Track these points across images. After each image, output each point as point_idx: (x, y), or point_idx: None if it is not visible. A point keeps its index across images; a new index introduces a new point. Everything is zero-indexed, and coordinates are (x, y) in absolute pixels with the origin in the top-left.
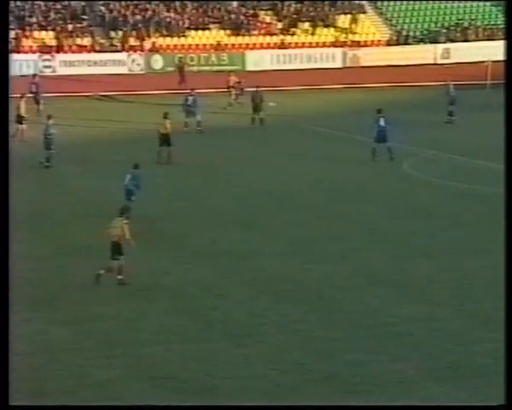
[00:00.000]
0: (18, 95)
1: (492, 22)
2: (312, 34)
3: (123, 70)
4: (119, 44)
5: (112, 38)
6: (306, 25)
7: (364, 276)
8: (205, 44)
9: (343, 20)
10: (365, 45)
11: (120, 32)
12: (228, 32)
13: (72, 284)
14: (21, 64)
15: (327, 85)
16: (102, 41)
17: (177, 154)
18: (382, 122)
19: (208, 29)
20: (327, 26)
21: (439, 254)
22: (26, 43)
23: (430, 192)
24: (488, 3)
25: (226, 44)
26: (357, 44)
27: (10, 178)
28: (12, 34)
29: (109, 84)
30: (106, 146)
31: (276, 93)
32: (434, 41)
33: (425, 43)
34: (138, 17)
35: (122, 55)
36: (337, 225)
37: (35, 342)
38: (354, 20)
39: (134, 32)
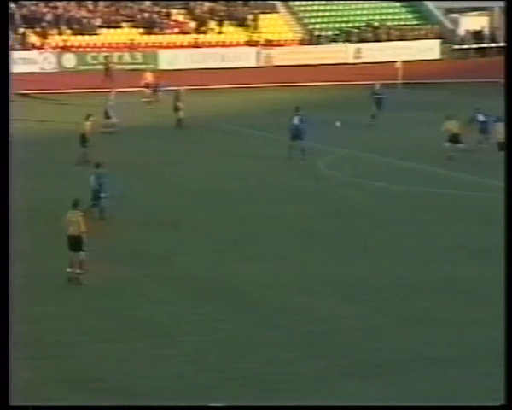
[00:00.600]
0: None
1: (402, 22)
2: (225, 33)
3: (34, 68)
4: (29, 42)
5: (22, 36)
6: (219, 24)
7: (289, 275)
8: (117, 43)
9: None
10: (278, 45)
11: (29, 30)
12: (140, 30)
13: None
14: None
15: (241, 84)
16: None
17: (97, 154)
18: (296, 121)
19: (120, 27)
20: (240, 25)
21: (364, 253)
22: None
23: (347, 191)
24: (398, 4)
25: (139, 43)
26: (270, 44)
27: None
28: None
29: (23, 82)
30: (30, 145)
31: (191, 92)
32: (346, 41)
33: (337, 42)
34: (49, 15)
35: (33, 54)
36: (262, 224)
37: None
38: (255, 20)
39: (45, 30)
